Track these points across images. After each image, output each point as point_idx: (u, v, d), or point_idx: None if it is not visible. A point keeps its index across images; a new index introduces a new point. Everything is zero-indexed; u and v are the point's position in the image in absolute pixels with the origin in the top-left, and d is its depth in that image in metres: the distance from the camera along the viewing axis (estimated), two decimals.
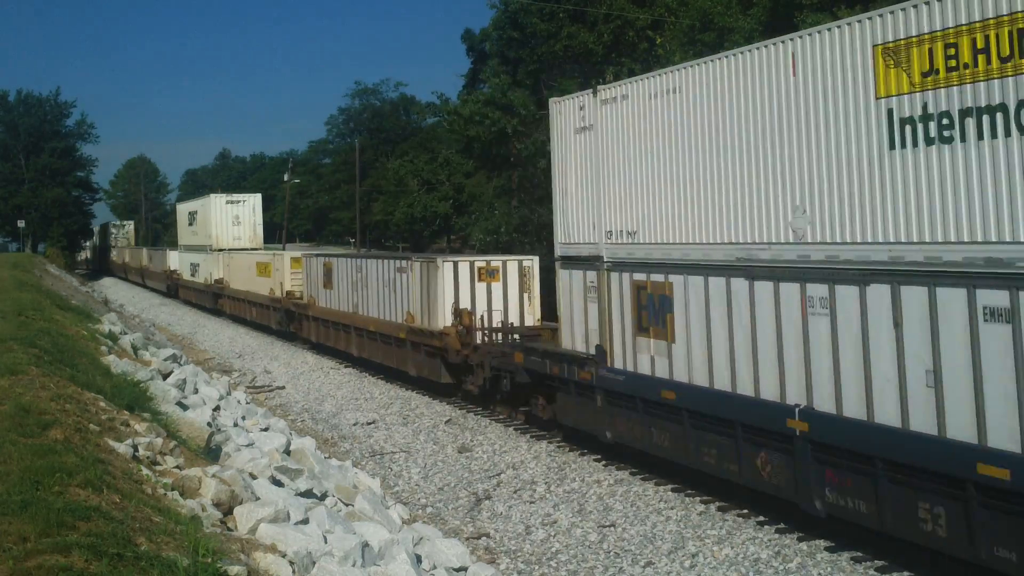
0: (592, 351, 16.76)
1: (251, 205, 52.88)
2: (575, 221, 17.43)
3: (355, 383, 27.37)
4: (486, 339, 22.35)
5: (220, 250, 50.03)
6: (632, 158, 15.73)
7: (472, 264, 23.68)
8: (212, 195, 54.13)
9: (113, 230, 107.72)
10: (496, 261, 23.93)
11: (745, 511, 13.84)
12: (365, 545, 9.27)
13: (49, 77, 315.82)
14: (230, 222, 51.65)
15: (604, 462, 16.99)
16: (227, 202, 52.46)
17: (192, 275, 56.15)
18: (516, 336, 21.16)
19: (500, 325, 22.76)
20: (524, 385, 19.72)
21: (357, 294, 29.63)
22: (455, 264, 23.75)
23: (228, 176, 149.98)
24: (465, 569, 10.68)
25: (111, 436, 9.60)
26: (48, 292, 30.23)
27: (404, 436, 20.28)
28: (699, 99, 14.18)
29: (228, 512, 8.87)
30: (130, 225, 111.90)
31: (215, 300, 49.98)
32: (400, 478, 17.06)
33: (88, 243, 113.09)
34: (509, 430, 20.12)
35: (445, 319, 23.40)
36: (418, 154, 70.52)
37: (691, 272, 14.33)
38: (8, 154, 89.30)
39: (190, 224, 58.44)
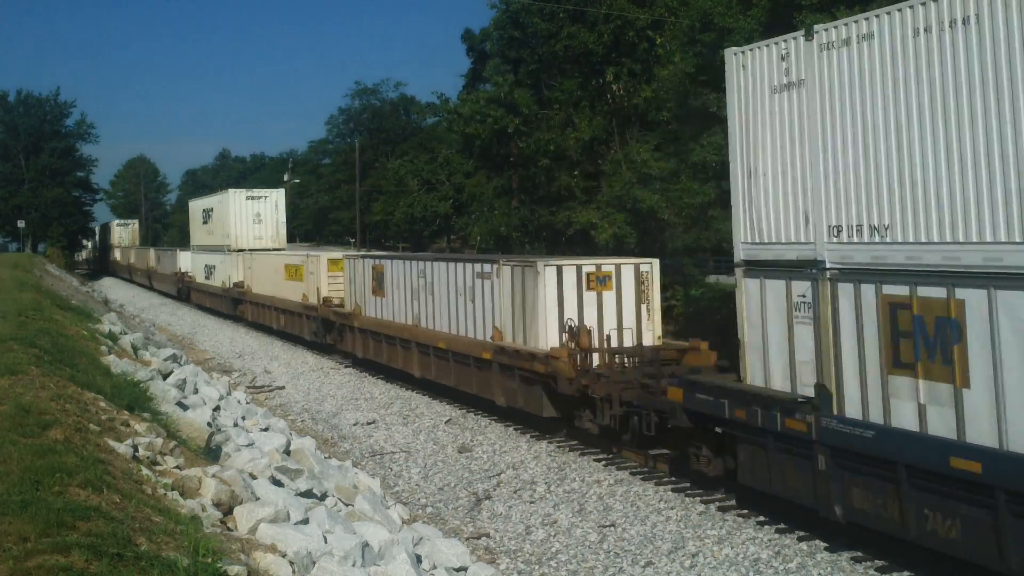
0: (804, 391, 12.58)
1: (273, 201, 47.88)
2: (771, 212, 13.23)
3: (355, 383, 27.37)
4: (606, 364, 18.11)
5: (240, 251, 45.96)
6: (880, 123, 11.47)
7: (579, 269, 19.35)
8: (231, 190, 49.28)
9: (117, 229, 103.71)
10: (608, 265, 19.57)
11: (745, 511, 13.83)
12: (365, 545, 9.27)
13: (49, 77, 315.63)
14: (250, 220, 47.06)
15: (604, 462, 16.98)
16: (247, 198, 47.60)
17: (207, 278, 52.34)
18: (636, 358, 17.35)
19: (626, 345, 18.65)
20: (675, 429, 15.36)
21: (419, 303, 25.11)
22: (559, 269, 19.34)
23: (228, 176, 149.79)
24: (465, 569, 10.68)
25: (111, 436, 9.60)
26: (48, 292, 30.23)
27: (404, 436, 20.28)
28: (1008, 32, 10.03)
29: (228, 512, 8.87)
30: (134, 224, 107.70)
31: (234, 306, 46.25)
32: (400, 478, 17.06)
33: (88, 243, 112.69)
34: (509, 430, 20.12)
35: (548, 338, 19.09)
36: (418, 154, 70.52)
37: (1002, 285, 10.11)
38: (8, 154, 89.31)
39: (204, 222, 53.91)
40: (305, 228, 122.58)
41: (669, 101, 31.00)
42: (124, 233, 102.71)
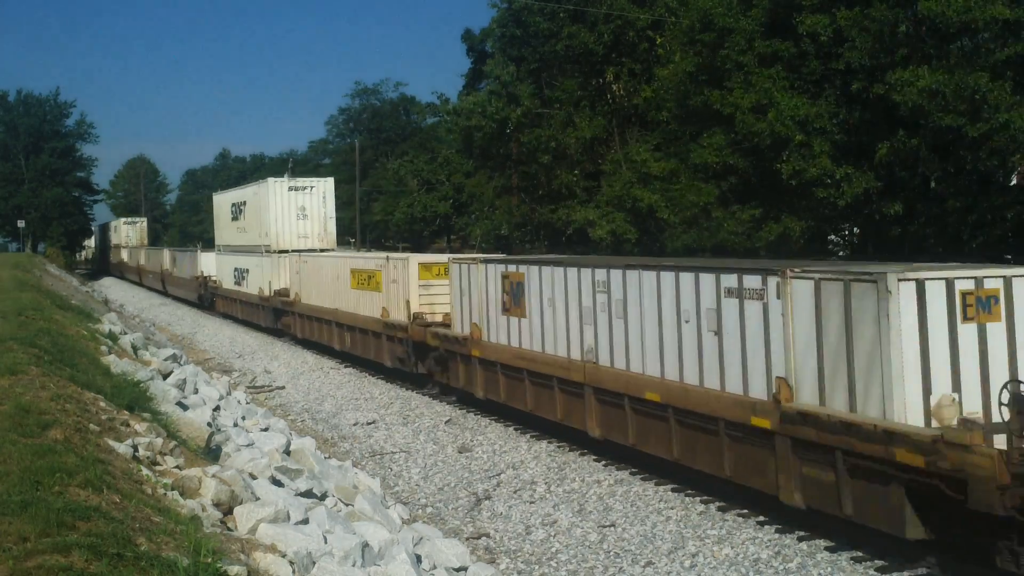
0: None
1: (320, 193, 39.86)
2: None
3: (355, 383, 27.37)
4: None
5: (282, 252, 38.60)
6: None
7: (949, 285, 11.65)
8: (270, 180, 41.01)
9: (124, 227, 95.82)
10: (993, 278, 11.84)
11: (745, 511, 13.83)
12: (365, 545, 9.28)
13: (49, 77, 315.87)
14: (294, 215, 39.34)
15: (604, 462, 16.98)
16: (290, 189, 39.53)
17: (237, 283, 45.11)
18: None
19: None
20: None
21: (597, 330, 17.12)
22: (919, 286, 11.54)
23: (228, 176, 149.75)
24: (465, 569, 10.69)
25: (111, 436, 9.60)
26: (48, 292, 30.23)
27: (404, 436, 20.28)
28: None
29: (228, 512, 8.88)
30: (142, 223, 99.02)
31: (276, 318, 38.86)
32: (400, 478, 17.06)
33: (88, 243, 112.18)
34: (509, 430, 20.12)
35: (907, 405, 11.28)
36: (418, 154, 70.56)
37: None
38: (8, 154, 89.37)
39: (234, 218, 46.39)
40: None
41: (669, 101, 30.99)
42: (131, 232, 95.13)
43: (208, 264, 52.27)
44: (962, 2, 21.76)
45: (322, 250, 37.57)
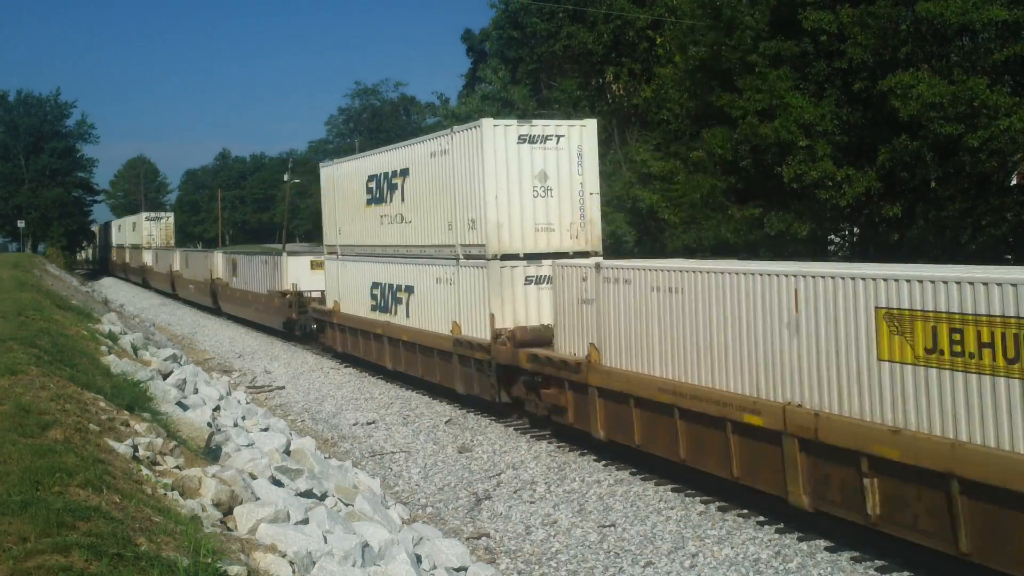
0: None
1: (574, 147, 21.25)
2: None
3: (355, 383, 27.37)
4: None
5: (508, 257, 20.78)
6: None
7: None
8: (485, 121, 21.22)
9: (148, 224, 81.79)
10: None
11: (745, 511, 13.83)
12: (365, 545, 9.28)
13: (49, 77, 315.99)
14: (527, 188, 20.98)
15: (604, 462, 16.98)
16: (521, 140, 20.87)
17: (382, 309, 26.73)
18: None
19: None
20: None
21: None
22: None
23: (228, 176, 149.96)
24: (465, 569, 10.69)
25: (111, 436, 9.60)
26: (48, 292, 30.24)
27: (404, 436, 20.28)
28: None
29: (228, 512, 8.88)
30: (168, 218, 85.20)
31: (503, 381, 20.58)
32: (400, 478, 17.06)
33: (89, 244, 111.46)
34: (509, 430, 20.12)
35: None
36: None
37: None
38: (8, 154, 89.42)
39: (377, 200, 27.29)
40: (305, 228, 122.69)
41: (671, 100, 30.98)
42: (155, 230, 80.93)
43: (300, 273, 36.86)
44: (960, 3, 21.78)
45: (578, 253, 20.63)
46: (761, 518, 13.53)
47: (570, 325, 17.85)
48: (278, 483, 11.16)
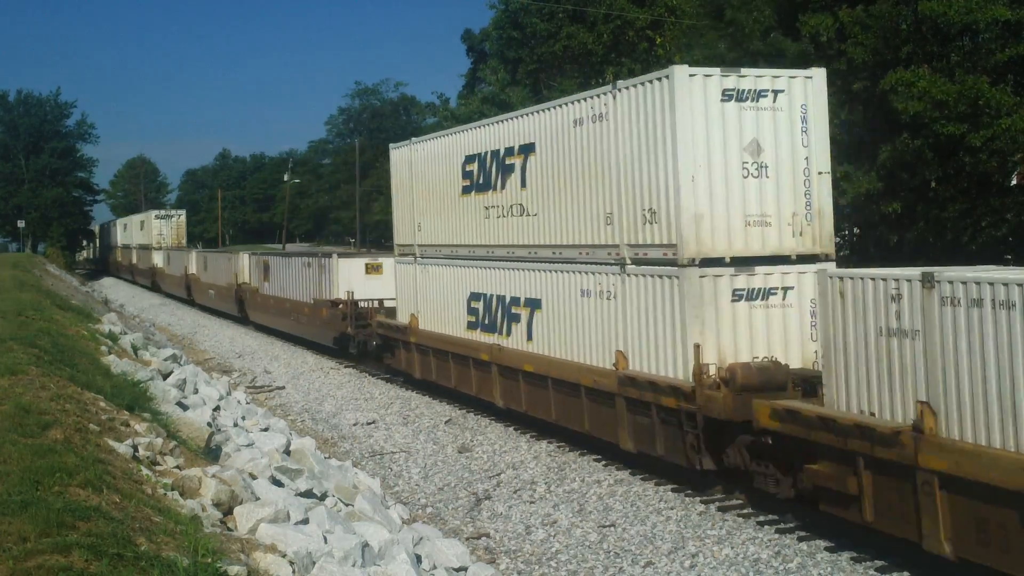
0: None
1: (796, 107, 14.95)
2: None
3: (355, 383, 27.36)
4: None
5: (710, 262, 14.52)
6: None
7: None
8: (677, 69, 14.69)
9: (158, 222, 75.75)
10: None
11: (745, 511, 13.83)
12: (365, 545, 9.28)
13: (49, 77, 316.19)
14: (735, 163, 14.64)
15: (604, 462, 16.98)
16: (726, 96, 14.55)
17: (486, 327, 20.72)
18: None
19: None
20: None
21: None
22: None
23: (228, 176, 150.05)
24: (465, 569, 10.69)
25: (111, 436, 9.61)
26: (48, 292, 30.24)
27: (404, 436, 20.28)
28: None
29: (228, 512, 8.88)
30: (180, 216, 78.85)
31: (711, 445, 14.31)
32: (400, 478, 17.06)
33: (89, 244, 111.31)
34: (509, 430, 20.11)
35: None
36: None
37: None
38: (8, 154, 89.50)
39: (486, 185, 20.80)
40: (306, 228, 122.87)
41: None
42: (165, 229, 74.87)
43: (353, 279, 30.46)
44: (963, 3, 21.79)
45: (803, 257, 14.97)
46: (761, 518, 13.54)
47: (865, 369, 11.70)
48: (278, 483, 11.16)
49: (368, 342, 28.70)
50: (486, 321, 20.64)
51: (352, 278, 30.55)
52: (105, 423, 10.14)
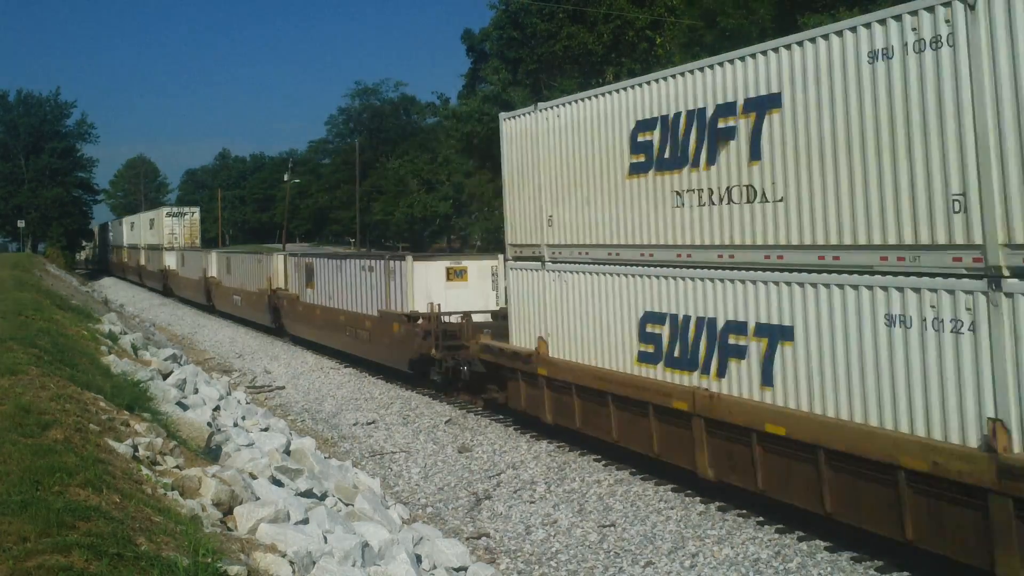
0: None
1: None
2: None
3: (355, 383, 27.36)
4: None
5: None
6: None
7: None
8: None
9: (169, 220, 69.47)
10: None
11: (745, 511, 13.83)
12: (365, 545, 9.28)
13: (49, 77, 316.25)
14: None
15: (604, 462, 16.98)
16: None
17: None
18: None
19: None
20: None
21: None
22: None
23: (228, 176, 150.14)
24: (465, 569, 10.69)
25: (111, 436, 9.60)
26: (48, 292, 30.24)
27: (404, 436, 20.28)
28: None
29: (228, 512, 8.88)
30: (194, 214, 71.68)
31: None
32: (400, 478, 17.06)
33: (89, 244, 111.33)
34: (509, 430, 20.11)
35: None
36: (418, 154, 70.63)
37: None
38: (8, 154, 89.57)
39: (674, 160, 14.69)
40: (305, 228, 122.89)
41: None
42: (178, 227, 69.06)
43: (432, 287, 25.32)
44: None
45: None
46: (761, 518, 13.54)
47: None
48: (278, 483, 11.16)
49: (460, 368, 22.85)
50: (675, 353, 14.69)
51: (430, 286, 25.13)
52: (105, 423, 10.14)
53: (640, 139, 15.44)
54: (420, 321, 24.04)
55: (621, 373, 15.90)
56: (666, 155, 14.79)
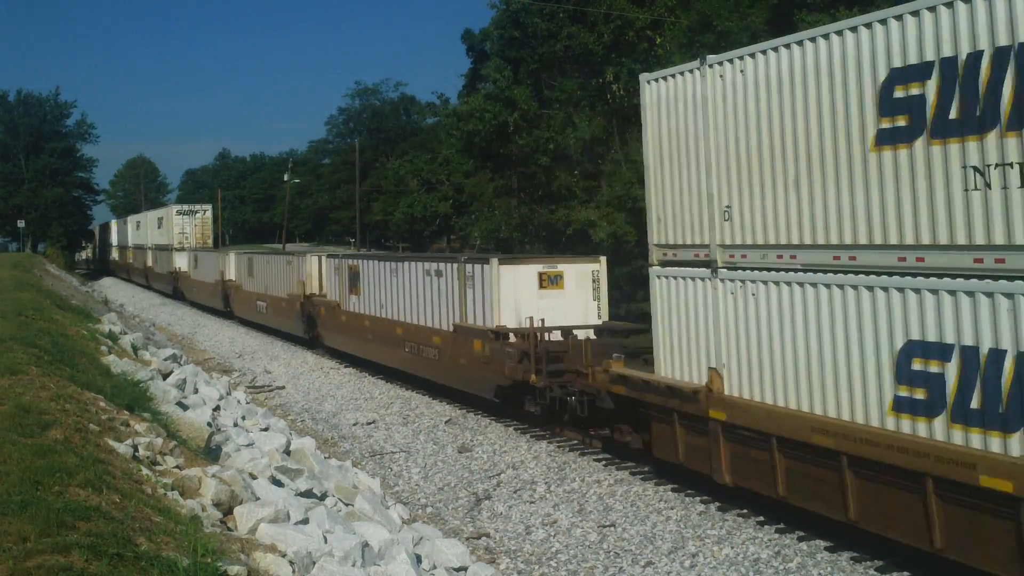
0: None
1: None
2: None
3: (355, 383, 27.35)
4: None
5: None
6: None
7: None
8: None
9: (180, 219, 64.24)
10: None
11: (745, 511, 13.83)
12: (365, 545, 9.28)
13: (49, 77, 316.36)
14: None
15: (604, 462, 16.98)
16: None
17: None
18: None
19: None
20: None
21: None
22: None
23: (228, 176, 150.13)
24: (465, 569, 10.69)
25: (111, 436, 9.60)
26: (48, 292, 30.23)
27: (404, 436, 20.28)
28: None
29: (228, 512, 8.88)
30: (206, 212, 66.30)
31: None
32: (400, 478, 17.06)
33: (89, 244, 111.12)
34: (509, 430, 20.11)
35: None
36: (418, 154, 70.63)
37: None
38: (8, 154, 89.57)
39: (970, 123, 9.99)
40: (305, 228, 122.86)
41: None
42: (188, 227, 63.92)
43: (522, 296, 20.50)
44: None
45: None
46: (761, 518, 13.54)
47: None
48: (278, 483, 11.16)
49: (571, 400, 18.25)
50: (973, 403, 10.00)
51: (519, 294, 20.31)
52: (105, 423, 10.14)
53: (899, 94, 10.91)
54: (512, 339, 19.52)
55: (863, 427, 11.22)
56: (951, 115, 10.30)
